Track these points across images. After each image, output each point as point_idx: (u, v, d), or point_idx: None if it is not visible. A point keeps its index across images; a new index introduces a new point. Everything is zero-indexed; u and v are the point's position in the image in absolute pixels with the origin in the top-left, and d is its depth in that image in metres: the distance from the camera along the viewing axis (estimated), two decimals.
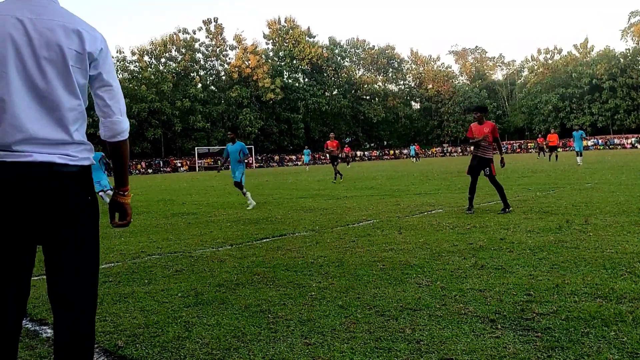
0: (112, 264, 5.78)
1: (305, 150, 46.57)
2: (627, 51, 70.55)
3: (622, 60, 69.75)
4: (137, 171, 60.36)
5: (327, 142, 21.40)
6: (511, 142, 76.39)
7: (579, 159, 24.66)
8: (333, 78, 79.50)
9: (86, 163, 2.15)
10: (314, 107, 74.38)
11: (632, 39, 70.73)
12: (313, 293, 4.18)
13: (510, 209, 8.69)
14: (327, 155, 22.19)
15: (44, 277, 2.18)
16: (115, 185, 2.36)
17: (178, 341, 3.26)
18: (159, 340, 3.28)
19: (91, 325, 2.16)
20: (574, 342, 2.93)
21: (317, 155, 70.99)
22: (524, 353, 2.83)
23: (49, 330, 3.53)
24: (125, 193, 2.37)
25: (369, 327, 3.34)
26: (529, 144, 72.03)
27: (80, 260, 2.13)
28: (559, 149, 33.45)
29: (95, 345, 3.27)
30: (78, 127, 2.14)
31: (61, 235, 2.06)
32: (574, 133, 26.42)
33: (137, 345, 3.22)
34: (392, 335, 3.19)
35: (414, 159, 52.71)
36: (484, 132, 9.09)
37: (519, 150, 73.23)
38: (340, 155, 23.93)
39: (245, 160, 12.34)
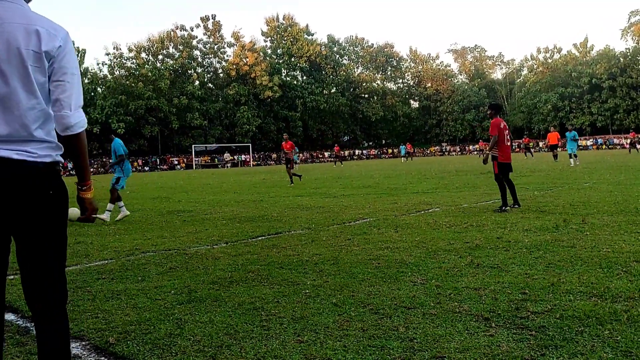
0: (106, 261, 5.77)
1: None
2: (627, 51, 70.61)
3: (622, 59, 69.80)
4: (133, 169, 60.23)
5: (282, 143, 20.12)
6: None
7: (572, 160, 23.63)
8: (331, 76, 79.49)
9: (48, 160, 2.22)
10: (312, 105, 74.35)
11: (632, 38, 70.82)
12: (307, 291, 4.17)
13: (507, 208, 8.69)
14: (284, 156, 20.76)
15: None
16: (76, 180, 2.41)
17: (170, 338, 3.25)
18: (150, 337, 3.27)
19: (62, 329, 2.27)
20: (568, 341, 2.93)
21: (314, 154, 71.03)
22: (518, 351, 2.83)
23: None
24: (84, 188, 2.42)
25: (363, 325, 3.34)
26: (529, 143, 71.99)
27: (42, 256, 2.21)
28: (558, 148, 33.47)
29: (86, 342, 3.27)
30: (40, 125, 2.20)
31: (21, 230, 2.15)
32: (567, 134, 25.14)
33: (128, 342, 3.22)
34: (385, 333, 3.18)
35: (404, 158, 52.22)
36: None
37: (517, 150, 73.24)
38: (291, 157, 22.35)
39: (124, 163, 10.42)
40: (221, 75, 72.57)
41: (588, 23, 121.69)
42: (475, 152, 65.39)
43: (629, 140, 41.48)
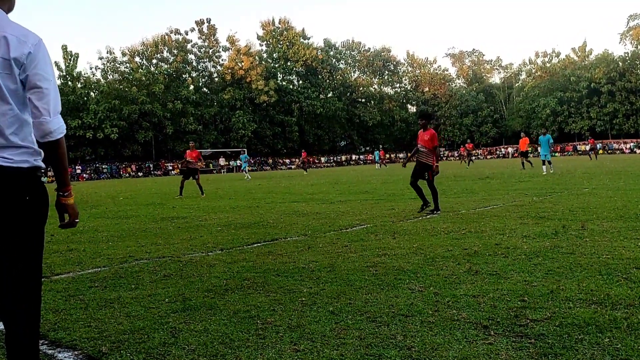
0: (99, 269, 5.75)
1: (242, 156, 40.13)
2: (626, 55, 71.01)
3: (620, 64, 70.18)
4: (127, 174, 60.20)
5: (187, 151, 18.29)
6: (507, 146, 76.64)
7: (544, 167, 21.96)
8: (328, 80, 79.64)
9: (24, 165, 2.24)
10: (308, 109, 74.45)
11: (631, 42, 71.25)
12: (303, 299, 4.17)
13: (440, 212, 9.54)
14: (184, 166, 18.72)
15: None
16: (56, 187, 2.43)
17: (164, 347, 3.24)
18: (144, 347, 3.26)
19: (31, 338, 2.28)
20: (568, 349, 2.94)
21: (310, 159, 70.95)
22: None
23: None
24: (66, 194, 2.44)
25: (360, 333, 3.34)
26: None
27: (13, 263, 2.22)
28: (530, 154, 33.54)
29: (79, 352, 3.25)
30: (15, 131, 2.22)
31: None
32: (541, 138, 22.67)
33: (121, 351, 3.20)
34: (383, 341, 3.18)
35: (378, 165, 51.51)
36: (424, 139, 10.11)
37: (516, 155, 73.42)
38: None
39: None
40: (216, 79, 72.63)
41: (586, 27, 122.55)
42: (458, 158, 65.26)
43: (588, 147, 41.52)
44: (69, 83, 60.66)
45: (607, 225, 7.22)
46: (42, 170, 2.36)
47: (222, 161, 63.70)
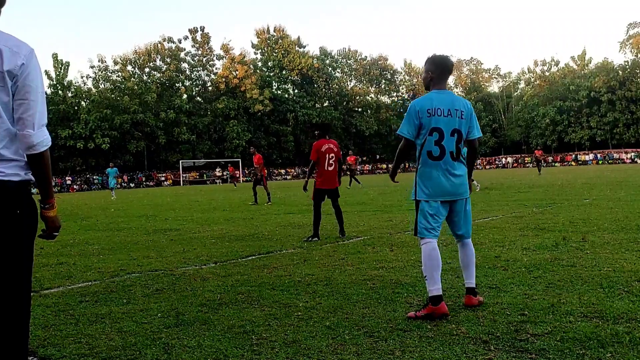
0: (90, 283, 5.73)
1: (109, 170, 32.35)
2: (626, 63, 71.60)
3: (620, 72, 70.73)
4: (118, 185, 60.02)
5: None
6: (506, 156, 76.93)
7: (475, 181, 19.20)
8: (324, 89, 79.86)
9: (15, 179, 2.26)
10: (304, 119, 74.57)
11: (631, 51, 71.86)
12: (299, 313, 4.16)
13: (316, 239, 8.42)
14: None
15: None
16: (40, 199, 2.45)
17: None
18: None
19: (20, 354, 2.29)
20: None
21: (306, 169, 70.84)
22: None
23: None
24: (47, 206, 2.46)
25: (357, 348, 3.34)
26: (525, 159, 72.58)
27: (4, 277, 2.23)
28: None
29: None
30: (6, 144, 2.25)
31: None
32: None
33: None
34: (381, 357, 3.18)
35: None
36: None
37: (515, 165, 73.74)
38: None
39: None
40: (210, 88, 72.75)
41: (586, 35, 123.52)
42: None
43: (535, 159, 41.49)
44: (60, 92, 60.64)
45: (608, 237, 7.24)
46: (33, 183, 2.37)
47: (218, 171, 63.64)
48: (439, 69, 4.28)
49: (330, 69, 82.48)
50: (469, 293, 4.21)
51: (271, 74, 77.04)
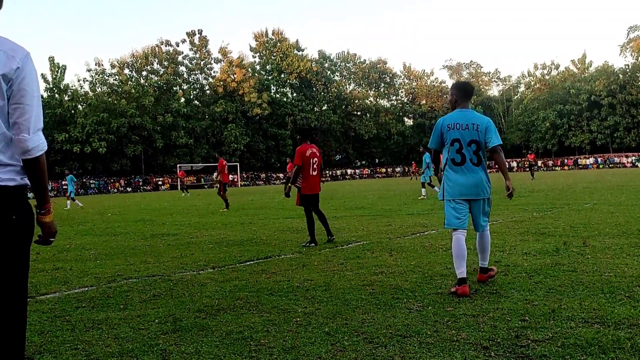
0: (86, 289, 5.73)
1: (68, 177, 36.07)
2: (627, 67, 71.80)
3: (621, 76, 70.94)
4: (115, 190, 60.01)
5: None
6: (508, 160, 77.04)
7: (424, 190, 19.42)
8: (322, 93, 79.99)
9: (11, 184, 2.26)
10: (302, 122, 74.63)
11: (632, 54, 72.04)
12: (298, 319, 4.16)
13: (314, 245, 8.36)
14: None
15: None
16: (36, 204, 2.45)
17: None
18: None
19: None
20: None
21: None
22: None
23: None
24: (43, 211, 2.45)
25: (357, 355, 3.33)
26: (525, 163, 72.64)
27: (0, 282, 2.23)
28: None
29: None
30: (2, 149, 2.25)
31: None
32: (425, 157, 19.85)
33: None
34: None
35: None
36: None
37: (516, 169, 73.79)
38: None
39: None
40: (208, 92, 72.82)
41: (586, 39, 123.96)
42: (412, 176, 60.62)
43: (527, 164, 41.48)
44: (56, 96, 60.68)
45: (609, 241, 7.25)
46: (29, 188, 2.36)
47: (215, 175, 63.68)
48: (460, 92, 5.23)
49: (329, 72, 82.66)
50: (481, 272, 5.19)
51: (269, 78, 77.17)
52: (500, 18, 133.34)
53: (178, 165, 44.79)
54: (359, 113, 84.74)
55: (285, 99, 77.16)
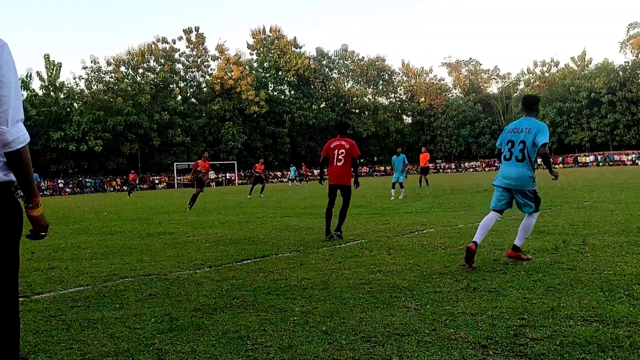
0: (82, 288, 5.72)
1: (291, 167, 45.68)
2: (627, 64, 71.87)
3: (621, 73, 71.00)
4: (111, 188, 59.97)
5: (199, 161, 18.92)
6: None
7: (392, 191, 19.79)
8: (320, 90, 79.98)
9: None
10: (300, 120, 74.68)
11: (632, 51, 72.14)
12: (295, 318, 4.16)
13: (328, 237, 8.82)
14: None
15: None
16: (24, 199, 2.40)
17: None
18: None
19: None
20: None
21: (302, 172, 70.99)
22: None
23: None
24: (30, 205, 2.41)
25: (354, 354, 3.33)
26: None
27: None
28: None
29: None
30: None
31: None
32: (394, 158, 20.62)
33: None
34: None
35: (292, 182, 47.50)
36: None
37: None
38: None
39: None
40: (205, 89, 72.77)
41: (586, 36, 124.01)
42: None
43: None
44: (52, 93, 60.59)
45: (608, 239, 7.26)
46: (16, 184, 2.33)
47: (211, 174, 63.62)
48: (522, 104, 6.51)
49: (327, 69, 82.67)
50: (512, 249, 6.16)
51: (267, 75, 77.15)
52: (499, 15, 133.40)
53: (132, 171, 43.98)
54: (357, 111, 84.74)
55: (282, 97, 77.16)
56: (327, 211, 9.25)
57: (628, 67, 71.34)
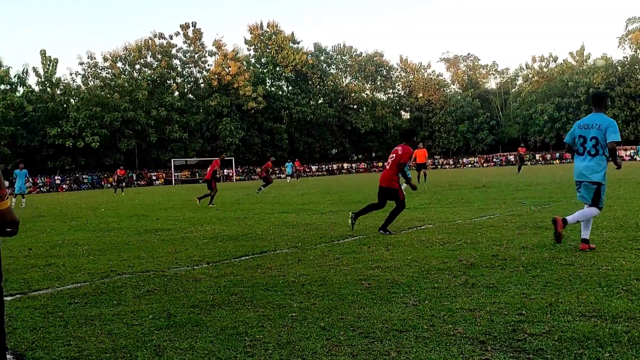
0: (79, 284, 5.72)
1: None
2: (625, 59, 71.86)
3: (619, 68, 71.00)
4: (108, 184, 59.87)
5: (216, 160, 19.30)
6: (505, 153, 77.14)
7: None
8: (318, 86, 79.82)
9: None
10: (298, 116, 74.54)
11: (630, 46, 72.11)
12: (294, 314, 4.17)
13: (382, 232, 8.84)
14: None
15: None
16: None
17: None
18: None
19: None
20: None
21: (300, 168, 71.07)
22: None
23: None
24: None
25: (352, 349, 3.34)
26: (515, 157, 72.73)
27: None
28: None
29: None
30: None
31: None
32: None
33: None
34: (376, 358, 3.19)
35: (289, 178, 46.65)
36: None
37: (514, 162, 73.90)
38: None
39: None
40: (202, 85, 72.60)
41: (584, 31, 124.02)
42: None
43: (518, 157, 41.04)
44: (48, 89, 60.35)
45: (606, 235, 7.28)
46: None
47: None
48: (592, 101, 6.81)
49: (325, 65, 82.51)
50: (582, 242, 6.40)
51: (265, 71, 76.98)
52: (498, 10, 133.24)
53: (120, 167, 43.02)
54: (355, 106, 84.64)
55: (280, 93, 76.99)
56: (370, 203, 9.75)
57: (626, 62, 71.33)
